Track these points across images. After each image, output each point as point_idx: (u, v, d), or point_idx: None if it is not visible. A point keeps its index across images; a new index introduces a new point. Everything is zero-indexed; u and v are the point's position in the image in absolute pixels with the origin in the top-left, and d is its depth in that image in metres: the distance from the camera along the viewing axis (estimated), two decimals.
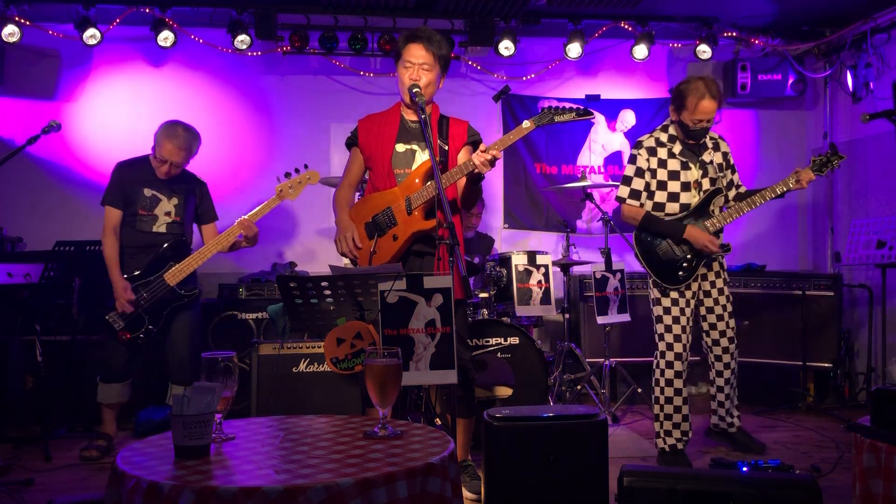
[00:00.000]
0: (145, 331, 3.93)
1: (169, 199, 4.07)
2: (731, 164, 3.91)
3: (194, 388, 1.76)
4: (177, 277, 3.93)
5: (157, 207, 4.05)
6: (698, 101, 3.61)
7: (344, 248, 3.11)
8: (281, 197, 4.02)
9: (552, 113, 2.90)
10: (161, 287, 3.93)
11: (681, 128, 3.75)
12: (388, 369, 1.88)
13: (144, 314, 3.93)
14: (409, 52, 3.12)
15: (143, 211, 4.03)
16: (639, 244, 3.83)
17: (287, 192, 4.03)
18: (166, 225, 4.04)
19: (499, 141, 2.96)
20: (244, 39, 5.21)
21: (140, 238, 4.01)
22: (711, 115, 3.65)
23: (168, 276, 3.93)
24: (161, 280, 3.93)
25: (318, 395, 3.83)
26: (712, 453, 3.94)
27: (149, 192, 4.05)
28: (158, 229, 4.03)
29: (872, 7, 5.20)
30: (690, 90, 3.63)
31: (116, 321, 3.92)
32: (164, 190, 4.07)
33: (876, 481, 2.05)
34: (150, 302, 3.93)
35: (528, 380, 4.00)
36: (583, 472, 2.45)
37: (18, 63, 5.33)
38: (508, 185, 5.85)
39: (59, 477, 3.62)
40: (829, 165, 3.80)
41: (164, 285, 3.93)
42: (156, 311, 3.94)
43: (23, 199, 5.23)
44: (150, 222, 4.03)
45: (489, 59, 5.70)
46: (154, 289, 3.93)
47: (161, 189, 4.07)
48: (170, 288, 3.94)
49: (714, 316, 3.88)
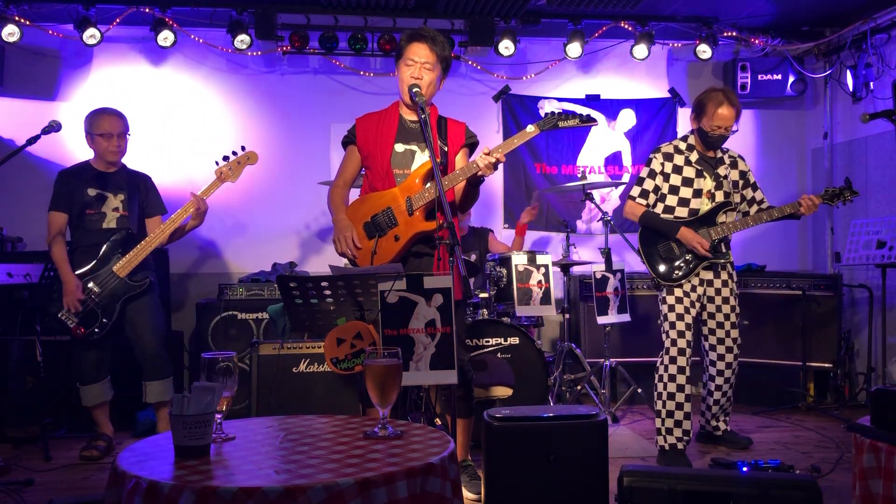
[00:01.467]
0: (100, 325, 3.92)
1: (115, 195, 4.06)
2: (753, 182, 3.99)
3: (194, 387, 1.76)
4: (126, 268, 3.92)
5: (104, 205, 4.03)
6: (716, 108, 3.75)
7: (343, 248, 3.10)
8: (221, 179, 4.03)
9: (556, 118, 2.92)
10: (111, 279, 3.91)
11: (699, 136, 3.86)
12: (388, 369, 1.88)
13: (97, 308, 3.91)
14: (411, 50, 3.11)
15: (91, 210, 4.01)
16: (642, 242, 3.90)
17: (227, 175, 4.04)
18: (116, 220, 4.03)
19: (502, 144, 2.97)
20: (244, 39, 5.21)
21: (91, 237, 3.99)
22: (729, 122, 3.78)
23: (117, 268, 3.91)
24: (110, 272, 3.92)
25: (318, 395, 3.83)
26: (712, 453, 3.94)
27: (93, 192, 4.03)
28: (108, 225, 4.02)
29: (872, 7, 5.20)
30: (710, 98, 3.79)
31: (69, 318, 3.90)
32: (108, 187, 4.06)
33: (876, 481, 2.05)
34: (101, 295, 3.91)
35: (528, 380, 4.00)
36: (583, 472, 2.45)
37: (18, 63, 5.33)
38: (508, 185, 5.85)
39: (59, 477, 3.62)
40: (841, 198, 3.85)
41: (114, 277, 3.92)
42: (108, 304, 3.92)
43: (23, 199, 5.23)
44: (99, 220, 4.02)
45: (489, 59, 5.71)
46: (104, 281, 3.91)
47: (105, 187, 4.05)
48: (120, 279, 3.92)
49: (714, 322, 3.91)
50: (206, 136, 5.53)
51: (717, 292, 3.89)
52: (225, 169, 4.03)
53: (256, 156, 4.12)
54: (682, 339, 3.76)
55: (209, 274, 5.51)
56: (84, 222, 4.01)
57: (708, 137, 3.81)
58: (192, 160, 5.46)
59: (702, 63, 5.75)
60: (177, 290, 5.36)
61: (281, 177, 5.50)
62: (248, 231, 5.53)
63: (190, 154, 5.47)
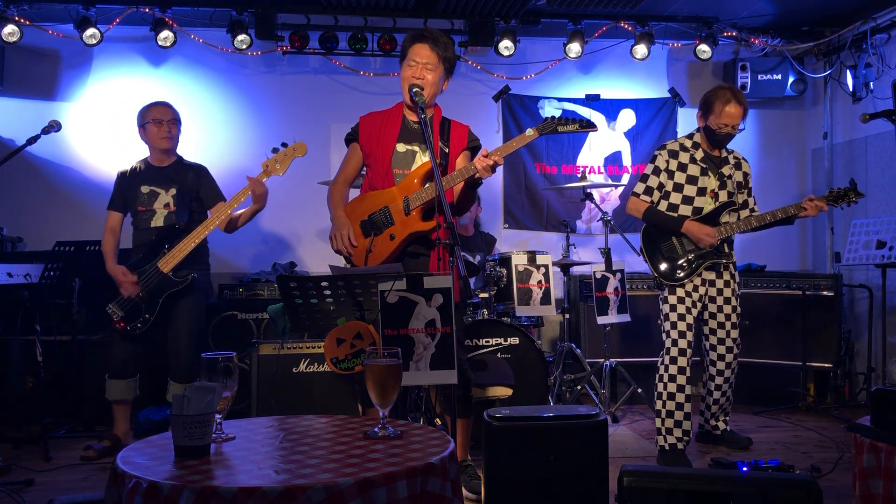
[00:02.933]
0: (142, 320, 3.93)
1: (167, 190, 4.08)
2: (749, 187, 3.98)
3: (194, 387, 1.76)
4: (170, 263, 3.92)
5: (155, 202, 4.06)
6: (724, 106, 3.75)
7: (339, 245, 3.10)
8: (267, 173, 3.99)
9: (556, 123, 2.92)
10: (155, 274, 3.92)
11: (706, 134, 3.85)
12: (388, 369, 1.88)
13: (141, 303, 3.93)
14: (413, 50, 3.12)
15: (142, 207, 4.06)
16: (644, 240, 3.89)
17: (273, 168, 3.99)
18: (164, 217, 4.05)
19: (501, 147, 2.97)
20: (244, 39, 5.22)
21: (142, 235, 4.04)
22: (736, 120, 3.78)
23: (161, 263, 3.92)
24: (155, 268, 3.92)
25: (318, 395, 3.83)
26: (712, 453, 3.94)
27: (146, 189, 4.07)
28: (157, 223, 4.04)
29: (872, 7, 5.20)
30: (717, 96, 3.80)
31: (115, 311, 3.93)
32: (161, 183, 4.08)
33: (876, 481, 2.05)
34: (145, 290, 3.92)
35: (528, 380, 4.00)
36: (583, 472, 2.45)
37: (18, 63, 5.33)
38: (508, 185, 5.85)
39: (59, 477, 3.62)
40: (846, 199, 3.82)
41: (158, 272, 3.92)
42: (151, 300, 3.93)
43: (23, 199, 5.23)
44: (149, 219, 4.05)
45: (489, 59, 5.71)
46: (148, 277, 3.92)
47: (158, 183, 4.08)
48: (162, 274, 3.92)
49: (715, 322, 3.91)
50: (205, 136, 5.53)
51: (719, 292, 3.88)
52: (272, 162, 3.98)
53: (305, 147, 4.02)
54: (683, 339, 3.76)
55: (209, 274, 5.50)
56: (138, 221, 4.08)
57: (715, 135, 3.81)
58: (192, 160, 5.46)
59: (702, 63, 5.75)
60: None
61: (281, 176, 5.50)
62: (248, 231, 5.52)
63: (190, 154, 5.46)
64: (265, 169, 4.00)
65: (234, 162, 5.54)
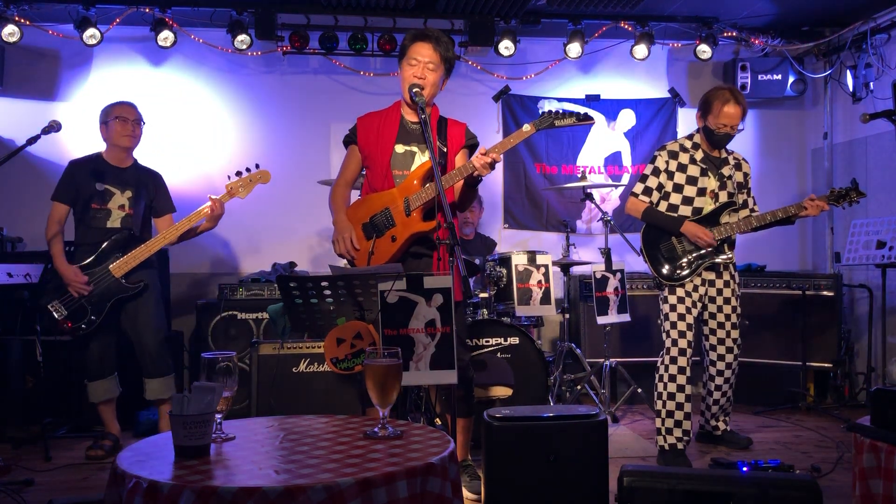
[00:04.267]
0: (87, 321, 3.89)
1: (122, 192, 4.03)
2: (748, 188, 3.97)
3: (194, 387, 1.76)
4: (122, 269, 3.90)
5: (110, 201, 4.00)
6: (723, 106, 3.75)
7: (341, 249, 3.10)
8: (231, 194, 3.98)
9: (553, 117, 2.92)
10: (106, 278, 3.89)
11: (705, 134, 3.85)
12: (388, 369, 1.88)
13: (88, 304, 3.89)
14: (415, 49, 3.11)
15: (96, 205, 3.99)
16: (644, 240, 3.90)
17: (237, 191, 3.98)
18: (121, 219, 4.00)
19: (499, 144, 2.96)
20: (244, 39, 5.21)
21: (94, 234, 3.97)
22: (735, 121, 3.77)
23: (113, 268, 3.89)
24: (106, 271, 3.90)
25: (318, 395, 3.83)
26: (712, 453, 3.94)
27: (101, 187, 4.01)
28: (113, 224, 3.99)
29: (872, 7, 5.20)
30: (717, 96, 3.79)
31: (59, 310, 3.88)
32: (116, 183, 4.03)
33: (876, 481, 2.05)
34: (92, 293, 3.89)
35: (528, 380, 4.00)
36: (583, 472, 2.45)
37: (18, 63, 5.33)
38: (508, 185, 5.85)
39: (59, 477, 3.62)
40: (847, 199, 3.81)
41: (109, 276, 3.89)
42: (99, 303, 3.90)
43: (23, 199, 5.23)
44: (104, 218, 3.99)
45: (489, 59, 5.71)
46: (98, 279, 3.89)
47: (113, 182, 4.03)
48: (115, 279, 3.90)
49: (715, 322, 3.91)
50: (205, 136, 5.53)
51: (719, 293, 3.88)
52: (236, 185, 3.97)
53: (269, 176, 4.05)
54: (683, 339, 3.76)
55: (209, 274, 5.51)
56: (88, 218, 3.99)
57: (714, 136, 3.81)
58: (192, 160, 5.47)
59: (702, 63, 5.75)
60: (177, 290, 5.35)
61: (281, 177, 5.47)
62: (248, 231, 5.53)
63: (189, 154, 5.47)
64: (228, 191, 3.98)
65: (235, 162, 5.53)
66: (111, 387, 4.08)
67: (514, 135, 2.98)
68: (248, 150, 5.58)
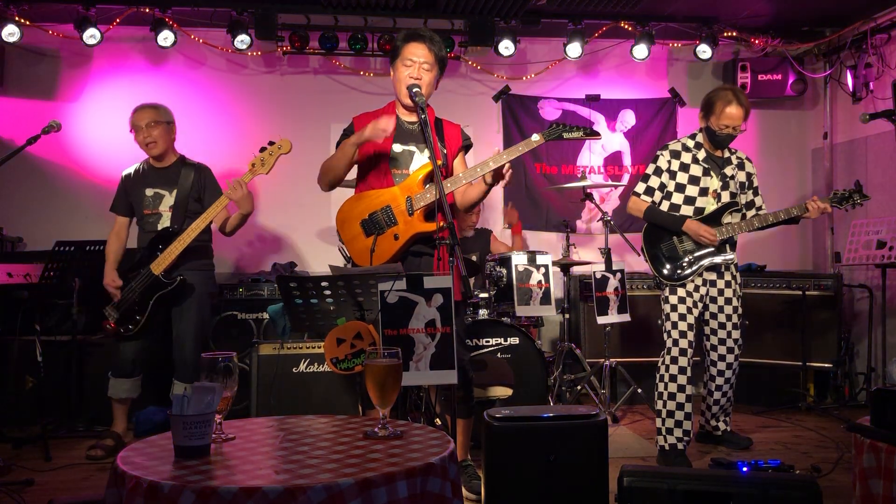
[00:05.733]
0: (133, 322, 3.97)
1: (170, 192, 4.09)
2: (755, 187, 3.98)
3: (194, 388, 1.76)
4: (161, 265, 3.92)
5: (160, 204, 4.09)
6: (725, 107, 3.74)
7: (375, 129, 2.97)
8: (253, 172, 3.94)
9: (561, 129, 3.00)
10: (147, 276, 3.93)
11: (707, 135, 3.85)
12: (388, 369, 1.88)
13: (134, 305, 3.96)
14: (409, 50, 3.10)
15: (148, 210, 4.08)
16: (645, 240, 3.90)
17: (259, 167, 3.93)
18: (170, 219, 4.07)
19: (507, 151, 3.01)
20: (244, 39, 5.21)
21: (148, 239, 4.05)
22: (738, 122, 3.77)
23: (153, 265, 3.93)
24: (147, 269, 3.94)
25: (318, 395, 3.83)
26: (712, 453, 3.94)
27: (150, 192, 4.09)
28: (163, 225, 4.06)
29: (872, 7, 5.20)
30: (719, 96, 3.79)
31: (111, 313, 3.99)
32: (164, 185, 4.10)
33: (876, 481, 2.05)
34: (138, 292, 3.94)
35: (528, 380, 4.00)
36: (583, 472, 2.45)
37: (18, 63, 5.34)
38: (508, 184, 5.83)
39: (59, 477, 3.62)
40: (850, 201, 3.82)
41: (150, 274, 3.93)
42: (142, 301, 3.95)
43: (23, 199, 5.23)
44: (156, 222, 4.07)
45: (489, 59, 5.71)
46: (142, 279, 3.95)
47: (162, 185, 4.10)
48: (153, 276, 3.93)
49: (716, 322, 3.91)
50: (205, 136, 5.53)
51: (720, 293, 3.88)
52: (258, 160, 3.92)
53: (289, 144, 3.96)
54: (684, 339, 3.76)
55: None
56: (144, 224, 4.10)
57: (715, 136, 3.80)
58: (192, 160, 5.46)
59: (702, 63, 5.75)
60: None
61: (281, 177, 5.49)
62: (248, 231, 5.53)
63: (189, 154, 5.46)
64: (250, 168, 3.96)
65: (235, 162, 5.54)
66: (134, 387, 4.10)
67: (522, 143, 3.05)
68: (248, 150, 5.55)
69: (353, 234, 3.13)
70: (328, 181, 3.23)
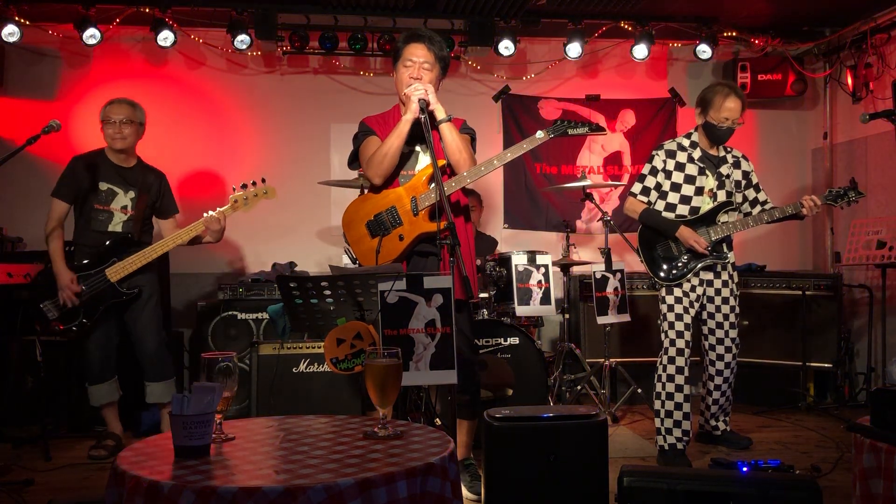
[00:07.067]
0: (78, 323, 3.86)
1: (125, 192, 3.99)
2: (756, 183, 3.97)
3: (194, 387, 1.76)
4: (118, 274, 3.85)
5: (113, 202, 3.97)
6: (724, 100, 3.74)
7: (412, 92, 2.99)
8: (234, 208, 3.88)
9: (566, 126, 2.99)
10: (101, 282, 3.85)
11: (706, 130, 3.84)
12: (388, 369, 1.88)
13: (80, 307, 3.85)
14: (410, 50, 3.11)
15: (99, 206, 3.95)
16: (641, 240, 3.90)
17: (241, 205, 3.88)
18: (122, 223, 3.96)
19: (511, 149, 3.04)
20: (244, 39, 5.21)
21: (95, 237, 3.93)
22: (737, 114, 3.76)
23: (110, 272, 3.86)
24: (102, 275, 3.86)
25: (318, 395, 3.83)
26: (712, 453, 3.94)
27: (105, 186, 3.96)
28: (114, 228, 3.96)
29: (872, 7, 5.20)
30: (716, 91, 3.79)
31: (51, 311, 3.85)
32: (121, 183, 3.99)
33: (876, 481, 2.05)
34: (85, 294, 3.85)
35: (528, 380, 4.00)
36: (583, 472, 2.45)
37: (18, 63, 5.33)
38: (508, 185, 5.85)
39: (59, 477, 3.62)
40: (846, 199, 3.82)
41: (105, 280, 3.85)
42: (92, 306, 3.87)
43: (23, 199, 5.23)
44: (106, 221, 3.95)
45: (489, 59, 5.70)
46: (94, 283, 3.85)
47: (119, 183, 3.99)
48: (109, 283, 3.86)
49: (714, 322, 3.91)
50: (205, 136, 5.53)
51: (717, 292, 3.88)
52: (241, 198, 3.87)
53: (275, 192, 3.94)
54: (681, 338, 3.76)
55: (209, 274, 5.51)
56: (90, 219, 3.95)
57: (716, 130, 3.79)
58: (191, 161, 5.47)
59: (702, 63, 5.75)
60: (177, 290, 5.35)
61: (281, 177, 5.48)
62: (248, 231, 5.53)
63: (189, 155, 5.47)
64: (232, 204, 3.88)
65: (235, 163, 5.55)
66: (111, 390, 4.08)
67: (526, 141, 3.07)
68: (247, 150, 5.59)
69: (358, 235, 3.14)
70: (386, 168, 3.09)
